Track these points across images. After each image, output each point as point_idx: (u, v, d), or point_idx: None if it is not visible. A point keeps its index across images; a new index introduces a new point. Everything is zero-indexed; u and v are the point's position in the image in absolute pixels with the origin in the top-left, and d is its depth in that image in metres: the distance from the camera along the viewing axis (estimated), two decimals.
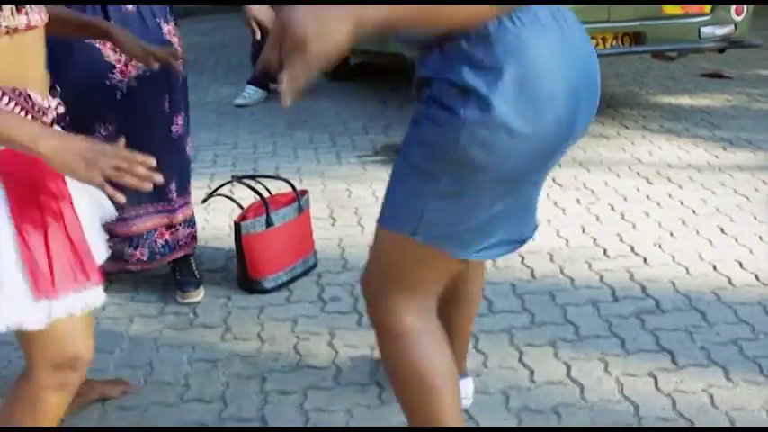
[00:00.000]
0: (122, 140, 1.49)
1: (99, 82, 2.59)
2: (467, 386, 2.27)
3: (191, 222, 2.97)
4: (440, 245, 1.59)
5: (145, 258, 2.86)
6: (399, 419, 2.23)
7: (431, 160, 1.51)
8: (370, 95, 5.91)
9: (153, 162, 1.48)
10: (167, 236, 2.89)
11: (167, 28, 2.71)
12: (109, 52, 2.57)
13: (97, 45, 2.55)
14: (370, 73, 6.34)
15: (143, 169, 1.46)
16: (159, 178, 1.48)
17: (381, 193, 3.91)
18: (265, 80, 5.90)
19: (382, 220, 1.64)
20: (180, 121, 2.80)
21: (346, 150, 4.64)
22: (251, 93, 5.83)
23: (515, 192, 1.57)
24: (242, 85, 6.01)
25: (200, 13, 10.10)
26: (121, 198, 1.47)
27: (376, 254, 1.71)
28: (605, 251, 3.24)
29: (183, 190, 2.90)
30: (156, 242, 2.87)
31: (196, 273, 3.01)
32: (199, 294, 2.96)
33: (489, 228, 1.59)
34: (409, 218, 1.57)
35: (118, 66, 2.59)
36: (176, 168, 2.84)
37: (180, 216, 2.90)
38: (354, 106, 5.63)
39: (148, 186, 1.48)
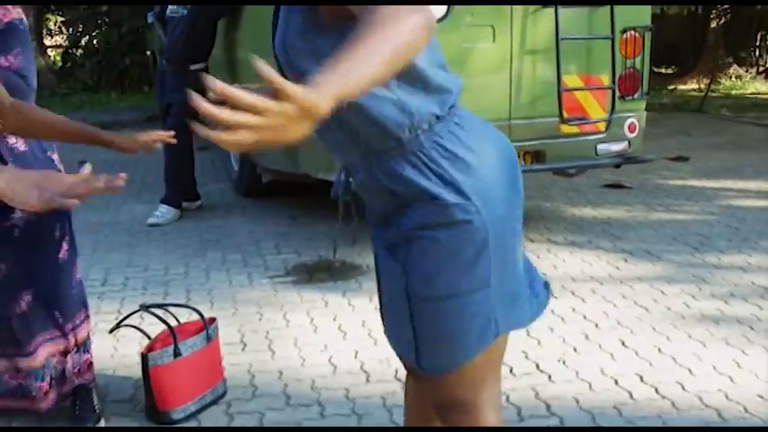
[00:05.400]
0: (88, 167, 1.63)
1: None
2: None
3: (85, 347, 2.91)
4: (507, 325, 1.69)
5: (50, 387, 2.81)
6: None
7: (472, 269, 1.59)
8: (283, 213, 5.98)
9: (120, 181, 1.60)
10: (65, 363, 2.85)
11: (57, 157, 2.77)
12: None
13: None
14: (282, 190, 6.42)
15: (101, 183, 1.57)
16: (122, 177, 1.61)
17: (292, 317, 3.93)
18: (178, 198, 5.93)
19: (456, 363, 1.68)
20: (65, 245, 2.80)
21: (258, 271, 4.66)
22: (164, 212, 5.84)
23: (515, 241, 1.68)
24: (155, 203, 6.02)
25: (115, 127, 10.11)
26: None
27: (454, 385, 1.73)
28: (511, 369, 3.30)
29: (71, 314, 2.84)
30: (56, 369, 2.82)
31: (96, 407, 2.94)
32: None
33: (519, 286, 1.71)
34: (484, 331, 1.64)
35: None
36: (62, 294, 2.81)
37: (71, 341, 2.85)
38: (267, 224, 5.68)
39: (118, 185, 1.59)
